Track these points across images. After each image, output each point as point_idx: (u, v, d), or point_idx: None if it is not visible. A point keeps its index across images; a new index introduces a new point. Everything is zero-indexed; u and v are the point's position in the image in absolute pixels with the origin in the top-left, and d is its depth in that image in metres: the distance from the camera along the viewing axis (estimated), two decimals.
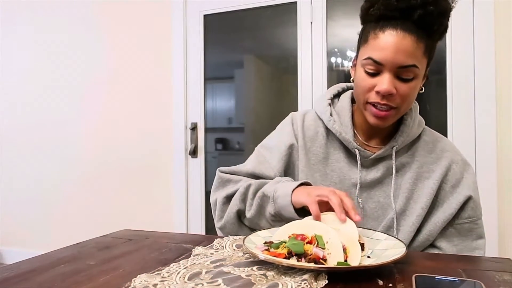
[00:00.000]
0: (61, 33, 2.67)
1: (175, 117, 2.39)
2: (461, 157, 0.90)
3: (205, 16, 2.35)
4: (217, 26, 2.35)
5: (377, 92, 0.79)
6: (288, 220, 0.76)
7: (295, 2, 2.15)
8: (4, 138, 2.83)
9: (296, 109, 2.14)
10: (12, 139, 2.81)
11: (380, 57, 0.78)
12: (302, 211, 0.76)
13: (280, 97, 2.27)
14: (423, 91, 0.86)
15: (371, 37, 0.80)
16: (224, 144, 2.40)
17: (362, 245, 0.65)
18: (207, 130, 2.38)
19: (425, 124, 0.96)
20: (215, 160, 2.39)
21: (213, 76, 2.38)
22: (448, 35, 1.87)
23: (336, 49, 2.11)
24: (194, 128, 2.37)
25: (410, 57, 0.77)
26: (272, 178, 0.92)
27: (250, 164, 0.96)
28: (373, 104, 0.81)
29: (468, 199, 0.85)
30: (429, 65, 0.85)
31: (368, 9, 0.81)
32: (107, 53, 2.56)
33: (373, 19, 0.81)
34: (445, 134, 1.87)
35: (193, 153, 2.37)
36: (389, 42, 0.77)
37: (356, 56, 0.87)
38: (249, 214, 0.86)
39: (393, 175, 0.87)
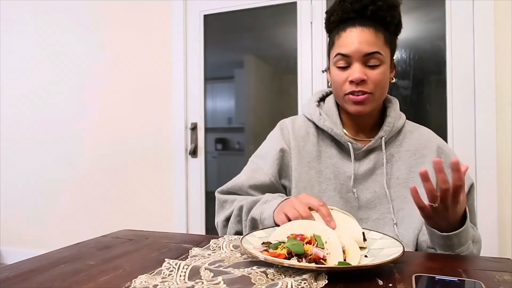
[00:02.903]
0: (61, 33, 2.67)
1: (175, 117, 2.39)
2: (439, 139, 0.98)
3: (205, 16, 2.35)
4: (217, 26, 2.35)
5: (351, 82, 0.88)
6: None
7: (295, 2, 2.15)
8: (4, 137, 2.84)
9: (296, 109, 2.14)
10: (12, 138, 2.81)
11: (346, 51, 0.88)
12: None
13: (280, 97, 2.27)
14: (393, 81, 0.96)
15: (336, 39, 0.92)
16: (224, 144, 2.40)
17: (363, 236, 0.69)
18: (207, 130, 2.38)
19: (425, 124, 1.02)
20: (215, 160, 2.39)
21: (213, 76, 2.38)
22: (448, 35, 1.88)
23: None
24: (194, 128, 2.37)
25: (372, 45, 0.87)
26: (267, 183, 0.96)
27: (244, 175, 1.00)
28: (351, 94, 0.89)
29: (472, 184, 0.91)
30: (393, 56, 0.94)
31: (329, 19, 0.94)
32: (107, 53, 2.56)
33: (335, 25, 0.93)
34: (445, 134, 1.87)
35: (193, 153, 2.37)
36: (351, 36, 0.88)
37: (328, 62, 0.96)
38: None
39: (384, 165, 0.92)
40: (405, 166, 0.93)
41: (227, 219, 0.96)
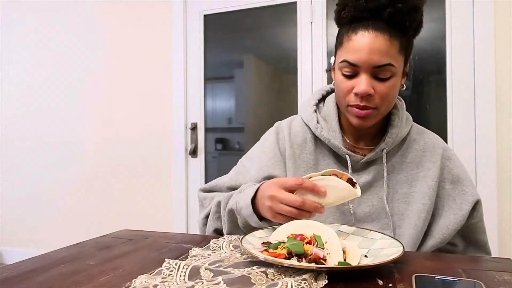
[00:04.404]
0: (61, 33, 2.67)
1: (175, 117, 2.39)
2: (447, 149, 0.90)
3: (205, 16, 2.35)
4: (217, 26, 2.35)
5: (356, 94, 0.79)
6: (256, 228, 0.75)
7: (295, 2, 2.15)
8: (4, 138, 2.84)
9: (296, 109, 2.14)
10: (12, 139, 2.81)
11: (354, 59, 0.78)
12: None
13: (280, 97, 2.27)
14: (404, 88, 0.87)
15: (345, 40, 0.80)
16: (224, 144, 2.40)
17: (352, 182, 0.69)
18: (207, 130, 2.38)
19: (425, 124, 0.96)
20: (215, 160, 2.39)
21: (213, 76, 2.38)
22: (448, 35, 1.88)
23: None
24: (194, 128, 2.37)
25: (384, 56, 0.76)
26: None
27: (229, 175, 0.96)
28: (354, 106, 0.81)
29: (477, 201, 0.85)
30: (407, 62, 0.85)
31: (340, 12, 0.82)
32: (107, 53, 2.56)
33: (346, 22, 0.81)
34: (445, 134, 1.87)
35: (193, 153, 2.37)
36: (362, 43, 0.77)
37: (335, 60, 0.87)
38: (225, 231, 0.87)
39: (385, 178, 0.86)
40: (406, 179, 0.87)
41: (207, 217, 0.92)
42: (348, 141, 0.91)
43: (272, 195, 0.70)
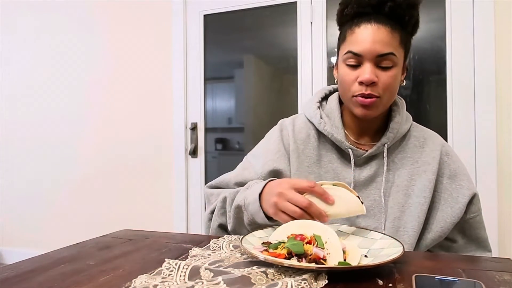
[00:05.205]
0: (61, 33, 2.67)
1: (175, 117, 2.39)
2: (446, 146, 0.93)
3: (205, 16, 2.35)
4: (217, 26, 2.35)
5: (361, 83, 0.83)
6: (263, 226, 0.75)
7: (295, 2, 2.15)
8: (4, 138, 2.84)
9: (296, 109, 2.14)
10: (12, 139, 2.81)
11: (358, 49, 0.82)
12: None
13: (280, 97, 2.27)
14: (404, 84, 0.90)
15: (348, 34, 0.85)
16: (224, 144, 2.40)
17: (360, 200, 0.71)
18: (207, 130, 2.38)
19: (425, 124, 0.98)
20: (215, 160, 2.39)
21: (213, 76, 2.38)
22: (448, 35, 1.88)
23: (336, 49, 2.11)
24: (194, 128, 2.37)
25: (386, 45, 0.81)
26: None
27: (235, 172, 0.98)
28: (359, 96, 0.84)
29: (474, 195, 0.87)
30: (407, 58, 0.88)
31: (343, 11, 0.88)
32: (107, 53, 2.56)
33: (348, 19, 0.87)
34: (445, 134, 1.87)
35: (193, 153, 2.37)
36: (365, 34, 0.82)
37: (337, 58, 0.91)
38: (230, 227, 0.87)
39: (384, 172, 0.88)
40: (406, 173, 0.89)
41: (212, 212, 0.93)
42: (350, 137, 0.93)
43: (281, 192, 0.72)
